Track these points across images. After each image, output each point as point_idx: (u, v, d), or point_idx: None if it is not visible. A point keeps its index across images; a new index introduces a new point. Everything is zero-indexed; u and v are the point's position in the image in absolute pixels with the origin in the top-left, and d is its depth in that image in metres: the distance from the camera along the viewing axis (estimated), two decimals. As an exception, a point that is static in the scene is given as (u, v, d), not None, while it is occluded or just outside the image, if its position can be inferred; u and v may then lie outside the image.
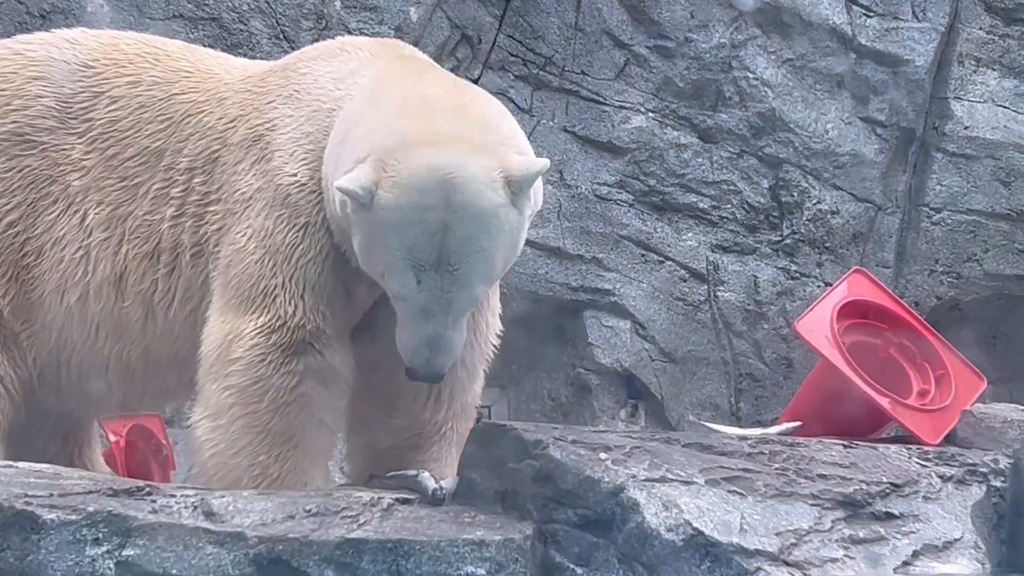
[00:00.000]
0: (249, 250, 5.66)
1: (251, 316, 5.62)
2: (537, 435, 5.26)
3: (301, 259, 5.61)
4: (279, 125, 5.76)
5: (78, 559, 4.76)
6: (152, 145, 5.97)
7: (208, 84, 6.02)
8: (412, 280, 5.24)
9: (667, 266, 9.39)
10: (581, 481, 5.08)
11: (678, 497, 5.09)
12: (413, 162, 5.22)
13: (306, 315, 5.59)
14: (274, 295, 5.61)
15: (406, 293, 5.28)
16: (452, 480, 5.48)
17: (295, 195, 5.63)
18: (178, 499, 5.02)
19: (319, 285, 5.60)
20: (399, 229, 5.21)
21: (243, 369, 5.62)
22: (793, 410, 7.11)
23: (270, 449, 5.53)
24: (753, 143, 9.49)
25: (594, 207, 9.33)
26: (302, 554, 4.83)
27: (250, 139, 5.81)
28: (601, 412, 9.29)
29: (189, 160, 5.92)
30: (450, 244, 5.19)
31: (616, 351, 9.29)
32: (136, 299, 5.91)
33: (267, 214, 5.66)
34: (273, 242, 5.63)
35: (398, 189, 5.20)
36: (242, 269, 5.66)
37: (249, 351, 5.60)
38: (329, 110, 5.68)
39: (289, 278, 5.60)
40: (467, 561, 4.89)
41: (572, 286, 9.26)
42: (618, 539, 5.00)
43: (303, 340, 5.59)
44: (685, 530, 4.99)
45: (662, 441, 5.52)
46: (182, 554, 4.81)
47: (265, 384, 5.59)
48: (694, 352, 9.39)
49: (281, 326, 5.58)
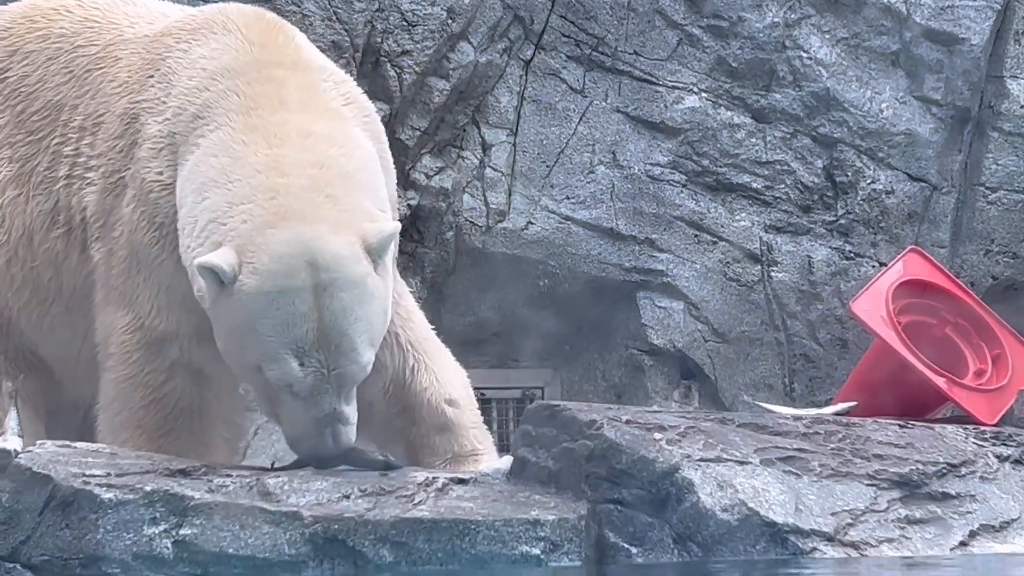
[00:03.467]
0: (120, 244, 5.61)
1: (120, 312, 5.60)
2: (591, 415, 5.25)
3: (156, 259, 5.54)
4: (152, 109, 5.65)
5: (136, 538, 4.78)
6: (55, 99, 5.90)
7: (108, 37, 5.90)
8: (294, 364, 5.13)
9: (720, 246, 9.35)
10: (635, 461, 5.07)
11: (733, 477, 5.07)
12: (272, 248, 5.13)
13: (160, 316, 5.55)
14: (136, 293, 5.57)
15: (290, 378, 5.14)
16: (506, 460, 5.49)
17: (156, 194, 5.54)
18: (234, 479, 5.04)
19: (172, 287, 5.52)
20: (269, 315, 5.11)
21: (116, 364, 5.63)
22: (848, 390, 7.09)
23: (148, 443, 5.53)
24: (807, 123, 9.43)
25: (647, 188, 9.30)
26: (357, 533, 4.84)
27: (128, 116, 5.70)
28: (655, 393, 9.27)
29: (82, 119, 5.84)
30: (327, 321, 5.11)
31: (669, 332, 9.26)
32: (44, 259, 5.86)
33: (133, 207, 5.60)
34: (135, 239, 5.57)
35: (260, 275, 5.12)
36: (115, 262, 5.62)
37: (119, 347, 5.60)
38: (192, 117, 5.52)
39: (147, 277, 5.55)
40: (522, 540, 4.89)
41: (625, 267, 9.23)
42: (673, 519, 4.99)
43: (163, 339, 5.55)
44: (740, 510, 4.98)
45: (716, 421, 5.50)
46: (238, 533, 4.82)
47: (135, 380, 5.59)
48: (748, 333, 9.35)
49: (141, 325, 5.56)
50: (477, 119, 9.22)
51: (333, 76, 5.74)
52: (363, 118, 5.71)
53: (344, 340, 5.15)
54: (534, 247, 9.14)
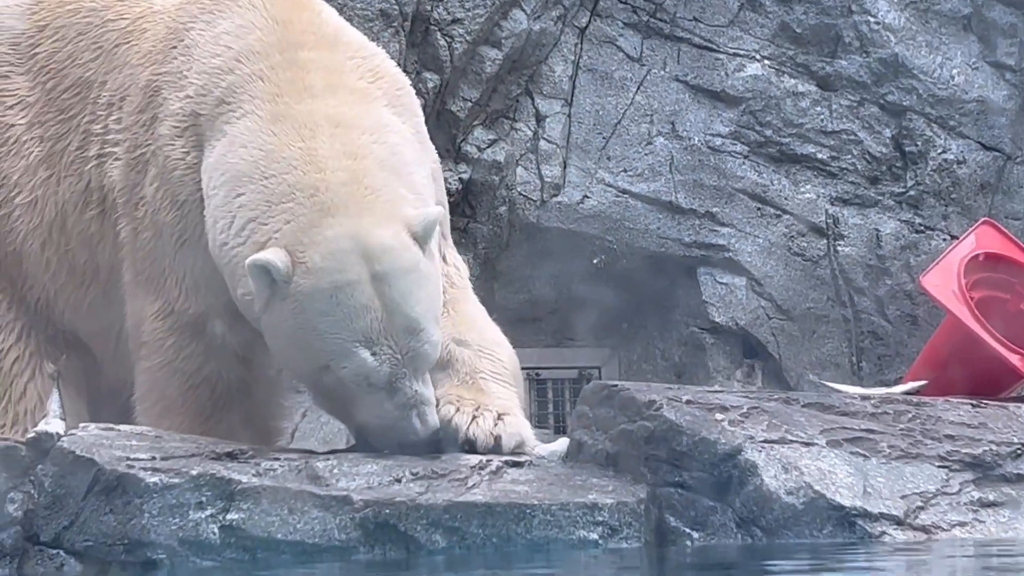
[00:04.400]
0: (145, 224, 5.61)
1: (149, 298, 5.60)
2: (650, 395, 5.22)
3: (180, 240, 5.54)
4: (174, 83, 5.63)
5: (182, 523, 4.78)
6: (84, 75, 5.90)
7: (138, 10, 5.88)
8: (366, 355, 5.15)
9: (784, 220, 9.32)
10: (696, 443, 5.03)
11: (798, 459, 5.03)
12: (322, 245, 5.16)
13: (189, 299, 5.54)
14: (164, 278, 5.57)
15: (366, 370, 5.16)
16: (562, 442, 5.47)
17: (180, 172, 5.54)
18: (282, 462, 5.04)
19: (199, 268, 5.51)
20: (330, 312, 5.14)
21: (150, 353, 5.62)
22: (918, 368, 7.02)
23: (190, 429, 5.52)
24: (875, 90, 9.38)
25: (707, 159, 9.28)
26: (409, 518, 4.82)
27: (151, 88, 5.69)
28: (716, 372, 9.25)
29: (109, 95, 5.83)
30: (390, 307, 5.15)
31: (731, 309, 9.24)
32: (78, 241, 5.86)
33: (156, 187, 5.59)
34: (158, 219, 5.56)
35: (314, 274, 5.15)
36: (140, 244, 5.62)
37: (151, 335, 5.59)
38: (217, 101, 5.50)
39: (173, 260, 5.55)
40: (579, 525, 4.86)
41: (685, 242, 9.21)
42: (736, 502, 4.95)
43: (194, 323, 5.54)
44: (806, 493, 4.94)
45: (781, 401, 5.46)
46: (287, 518, 4.81)
47: (171, 368, 5.59)
48: (813, 309, 9.32)
49: (171, 311, 5.56)
50: (530, 89, 9.21)
51: (360, 52, 5.72)
52: (395, 92, 5.70)
53: (410, 321, 5.18)
54: (590, 221, 9.13)
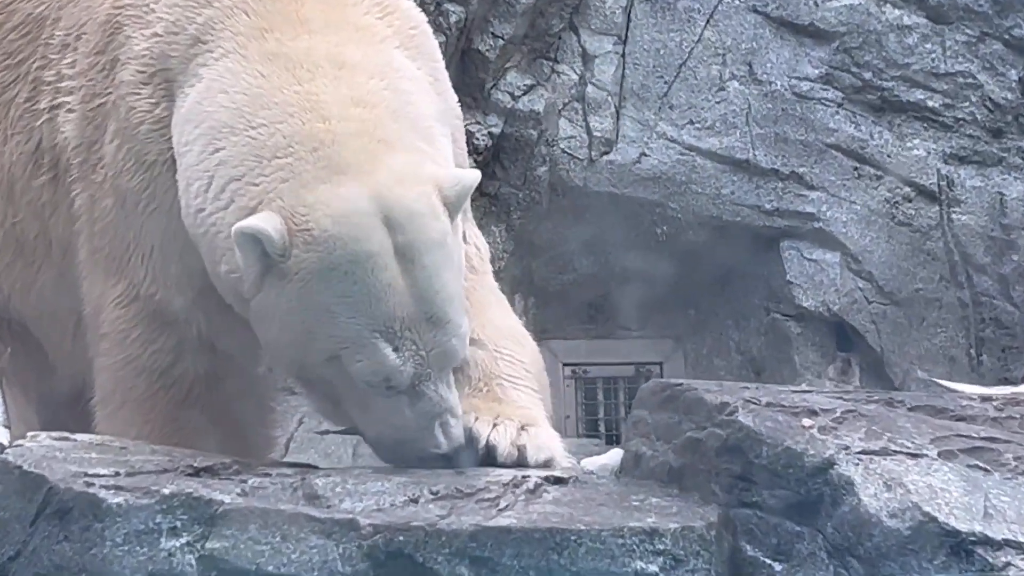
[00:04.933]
0: (104, 190, 5.58)
1: (110, 280, 5.58)
2: (723, 397, 5.25)
3: (147, 209, 5.48)
4: (139, 19, 5.58)
5: (151, 553, 4.83)
6: (35, 11, 5.92)
7: None
8: (387, 351, 5.02)
9: (887, 182, 9.35)
10: (779, 454, 5.06)
11: (904, 474, 5.06)
12: (332, 207, 5.05)
13: (157, 282, 5.49)
14: (127, 255, 5.53)
15: (387, 369, 5.04)
16: (615, 453, 5.49)
17: (147, 127, 5.49)
18: (273, 478, 5.07)
19: (170, 244, 5.45)
20: (345, 292, 5.02)
21: (111, 347, 5.59)
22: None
23: (161, 438, 5.50)
24: (997, 23, 9.39)
25: (792, 108, 9.30)
26: (428, 546, 4.86)
27: (111, 25, 5.66)
28: (803, 368, 9.29)
29: (64, 34, 5.83)
30: (416, 291, 5.04)
31: (822, 291, 9.27)
32: (27, 212, 5.88)
33: (118, 144, 5.55)
34: (120, 184, 5.53)
35: (324, 244, 5.01)
36: (99, 215, 5.59)
37: (113, 325, 5.57)
38: (191, 40, 5.44)
39: (139, 234, 5.50)
40: (635, 555, 4.89)
41: (765, 209, 9.24)
42: (827, 527, 4.98)
43: (163, 311, 5.51)
44: (913, 515, 4.96)
45: (883, 403, 5.48)
46: (279, 547, 4.86)
47: (136, 365, 5.56)
48: (922, 292, 9.35)
49: (136, 295, 5.52)
50: (576, 24, 9.25)
51: None
52: (408, 31, 5.67)
53: (438, 310, 5.08)
54: (649, 185, 9.17)
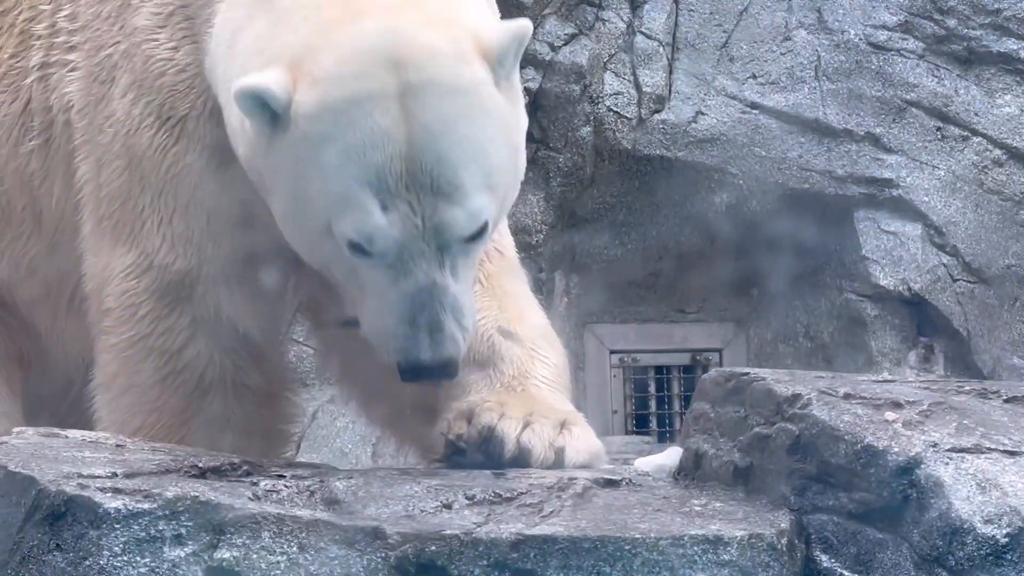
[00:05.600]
0: (114, 152, 5.60)
1: (120, 249, 5.60)
2: (794, 387, 5.26)
3: (172, 168, 5.51)
4: None
5: (154, 564, 4.85)
6: None
7: None
8: (373, 208, 5.00)
9: (974, 144, 9.33)
10: (858, 452, 5.07)
11: (1000, 474, 5.06)
12: (341, 44, 5.06)
13: (174, 251, 5.52)
14: (141, 221, 5.55)
15: (369, 228, 5.02)
16: (672, 452, 5.50)
17: (168, 78, 5.52)
18: (288, 481, 5.09)
19: (194, 204, 5.51)
20: (337, 136, 5.01)
21: (117, 324, 5.64)
22: None
23: (167, 432, 5.57)
24: (1101, -38, 9.38)
25: (867, 61, 9.28)
26: (464, 558, 4.88)
27: None
28: (881, 355, 9.28)
29: None
30: (420, 141, 4.99)
31: (902, 268, 9.26)
32: (14, 181, 5.93)
33: (134, 98, 5.56)
34: (134, 143, 5.55)
35: (323, 84, 5.04)
36: (108, 179, 5.62)
37: (120, 299, 5.61)
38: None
39: (157, 196, 5.53)
40: (697, 566, 4.91)
41: (837, 175, 9.23)
42: (914, 534, 4.99)
43: (179, 284, 5.55)
44: (1011, 521, 4.97)
45: (975, 394, 5.49)
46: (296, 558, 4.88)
47: (145, 345, 5.60)
48: (1015, 268, 9.34)
49: (149, 266, 5.56)
50: (623, -35, 9.26)
51: None
52: None
53: (444, 169, 5.02)
54: (706, 148, 9.16)
